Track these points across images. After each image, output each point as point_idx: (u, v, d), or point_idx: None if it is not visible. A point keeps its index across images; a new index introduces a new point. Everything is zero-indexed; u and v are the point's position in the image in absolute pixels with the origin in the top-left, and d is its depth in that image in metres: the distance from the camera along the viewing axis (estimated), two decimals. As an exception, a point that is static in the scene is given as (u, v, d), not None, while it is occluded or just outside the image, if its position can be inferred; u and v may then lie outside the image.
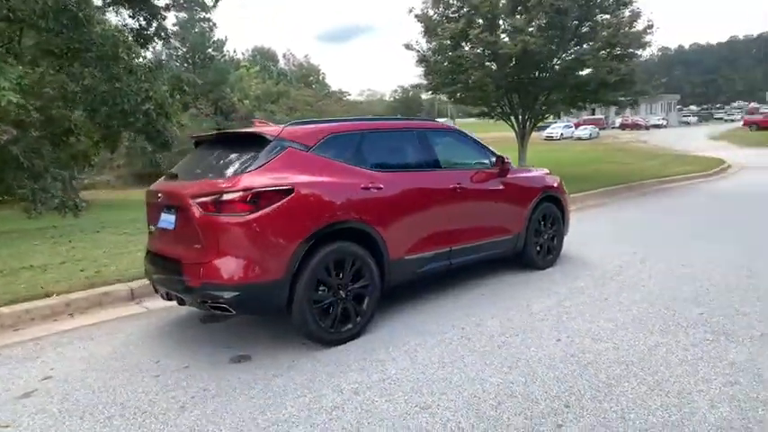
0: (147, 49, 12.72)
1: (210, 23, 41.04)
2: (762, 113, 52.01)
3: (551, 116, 20.68)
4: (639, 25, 13.65)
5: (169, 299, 3.98)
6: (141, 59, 10.35)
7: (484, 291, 4.97)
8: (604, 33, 13.29)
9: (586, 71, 13.23)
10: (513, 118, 15.70)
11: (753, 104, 75.14)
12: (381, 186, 4.08)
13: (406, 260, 4.25)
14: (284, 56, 78.70)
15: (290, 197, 3.51)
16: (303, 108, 34.90)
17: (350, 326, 3.83)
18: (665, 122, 62.17)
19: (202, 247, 3.49)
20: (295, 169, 3.67)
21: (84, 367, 3.65)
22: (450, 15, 14.87)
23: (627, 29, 13.55)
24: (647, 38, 13.66)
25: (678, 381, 3.04)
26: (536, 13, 12.70)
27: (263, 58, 65.39)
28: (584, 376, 3.14)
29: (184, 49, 37.21)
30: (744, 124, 48.15)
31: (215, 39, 40.49)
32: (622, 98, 14.46)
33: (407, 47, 15.30)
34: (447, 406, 2.86)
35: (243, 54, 60.80)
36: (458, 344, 3.72)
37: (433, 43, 15.37)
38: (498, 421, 2.69)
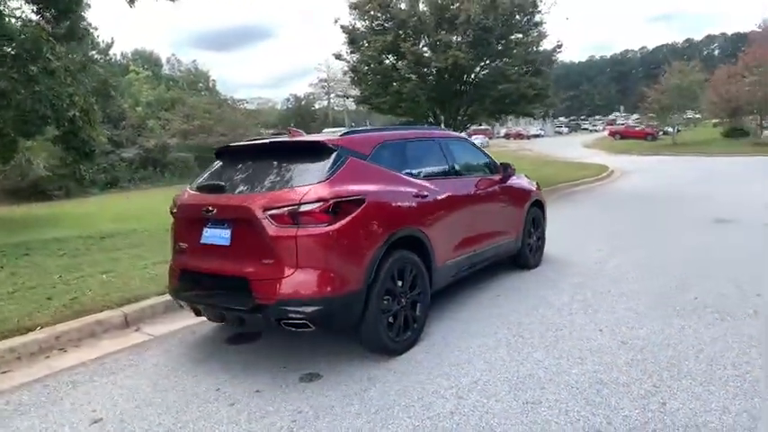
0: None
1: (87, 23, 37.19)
2: (622, 124, 59.66)
3: (472, 126, 21.76)
4: (549, 45, 15.09)
5: (219, 320, 3.71)
6: (60, 61, 9.20)
7: (498, 292, 5.23)
8: (521, 51, 14.49)
9: (507, 85, 14.27)
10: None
11: (611, 117, 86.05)
12: (427, 194, 4.17)
13: (446, 266, 4.38)
14: (168, 60, 73.85)
15: (363, 207, 3.47)
16: (202, 116, 33.02)
17: (409, 333, 3.86)
18: (543, 132, 68.47)
19: (276, 262, 3.31)
20: (359, 178, 3.63)
21: (134, 404, 3.27)
22: (376, 27, 15.22)
23: (534, 48, 14.92)
24: (556, 56, 15.13)
25: (724, 355, 3.52)
26: (463, 30, 13.49)
27: (145, 62, 60.85)
28: (649, 359, 3.51)
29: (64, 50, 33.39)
30: (609, 134, 54.76)
31: (99, 40, 36.93)
32: (536, 110, 15.84)
33: (337, 57, 15.38)
34: (555, 398, 3.04)
35: (122, 57, 56.07)
36: (517, 342, 3.92)
37: (357, 54, 15.63)
38: (609, 405, 2.93)
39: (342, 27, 15.71)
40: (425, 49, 14.40)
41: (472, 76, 14.42)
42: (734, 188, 14.45)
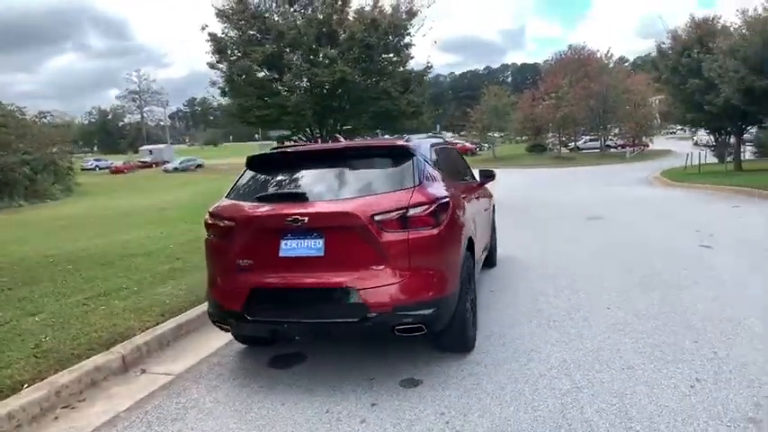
0: None
1: None
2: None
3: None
4: (418, 66, 16.43)
5: (305, 336, 3.47)
6: None
7: (492, 287, 5.71)
8: (395, 69, 15.52)
9: (387, 101, 15.13)
10: (320, 142, 16.56)
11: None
12: (465, 196, 4.45)
13: (477, 264, 4.70)
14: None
15: (451, 209, 3.60)
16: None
17: (473, 331, 4.08)
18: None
19: (389, 267, 3.25)
20: (436, 182, 3.75)
21: (248, 443, 2.90)
22: (250, 38, 14.83)
23: (402, 68, 16.15)
24: (427, 76, 16.52)
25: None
26: (348, 46, 13.96)
27: None
28: (698, 329, 4.30)
29: None
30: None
31: None
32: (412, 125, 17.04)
33: (211, 66, 14.53)
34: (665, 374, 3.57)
35: None
36: (555, 330, 4.41)
37: (224, 64, 15.06)
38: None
39: (210, 35, 14.97)
40: (306, 64, 14.49)
41: (357, 92, 14.91)
42: (567, 192, 17.47)
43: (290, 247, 3.39)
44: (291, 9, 15.24)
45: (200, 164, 56.03)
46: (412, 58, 16.46)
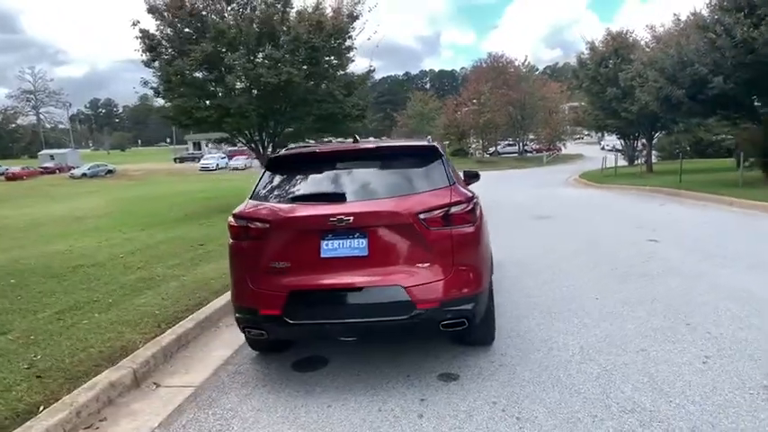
0: None
1: None
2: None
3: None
4: (361, 69, 16.58)
5: (349, 337, 3.46)
6: None
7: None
8: (337, 72, 15.57)
9: (332, 104, 15.11)
10: (259, 145, 16.17)
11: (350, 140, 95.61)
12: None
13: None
14: None
15: (480, 207, 3.76)
16: None
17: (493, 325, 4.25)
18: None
19: (435, 265, 3.33)
20: (460, 181, 3.90)
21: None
22: (187, 36, 14.24)
23: (343, 71, 16.26)
24: (370, 79, 16.70)
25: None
26: (293, 47, 13.79)
27: None
28: (684, 312, 4.75)
29: None
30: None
31: None
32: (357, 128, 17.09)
33: (146, 64, 13.74)
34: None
35: None
36: (559, 321, 4.71)
37: (158, 62, 14.37)
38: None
39: (141, 32, 14.20)
40: (250, 64, 14.14)
41: (301, 94, 14.75)
42: (507, 194, 18.38)
43: (332, 248, 3.38)
44: (229, 7, 14.82)
45: (111, 169, 52.56)
46: (352, 61, 16.61)
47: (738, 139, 17.71)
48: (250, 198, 3.79)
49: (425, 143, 4.01)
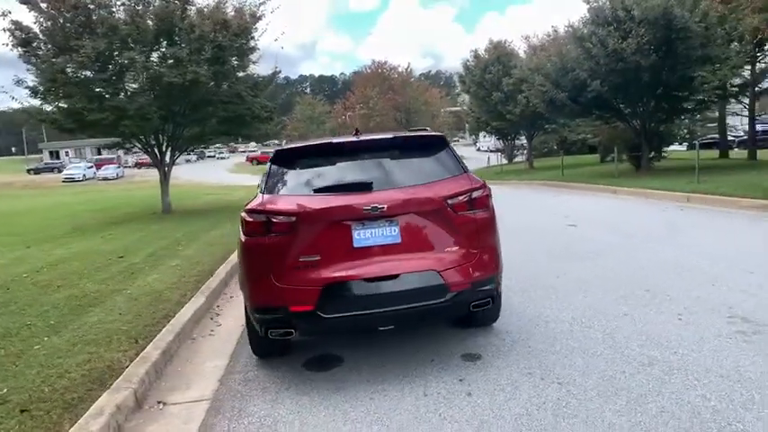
0: None
1: None
2: (254, 150, 65.01)
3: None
4: (266, 71, 16.09)
5: (385, 326, 3.42)
6: None
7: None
8: (239, 72, 14.97)
9: (240, 105, 14.45)
10: (156, 150, 14.95)
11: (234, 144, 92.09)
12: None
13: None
14: None
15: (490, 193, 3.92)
16: None
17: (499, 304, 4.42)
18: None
19: (463, 248, 3.43)
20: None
21: (383, 437, 2.82)
22: (72, 31, 12.75)
23: (244, 72, 15.72)
24: (276, 80, 16.27)
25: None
26: (197, 46, 12.97)
27: None
28: (647, 279, 5.31)
29: None
30: (247, 160, 59.15)
31: None
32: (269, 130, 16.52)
33: (26, 61, 12.03)
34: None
35: None
36: (545, 298, 5.07)
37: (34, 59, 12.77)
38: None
39: (13, 23, 12.48)
40: (150, 62, 13.05)
41: (205, 95, 13.90)
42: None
43: (365, 237, 3.33)
44: (119, 2, 13.53)
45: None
46: (254, 63, 16.08)
47: (606, 137, 20.17)
48: (262, 192, 3.58)
49: (434, 133, 4.10)
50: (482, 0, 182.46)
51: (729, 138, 24.11)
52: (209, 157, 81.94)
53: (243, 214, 3.51)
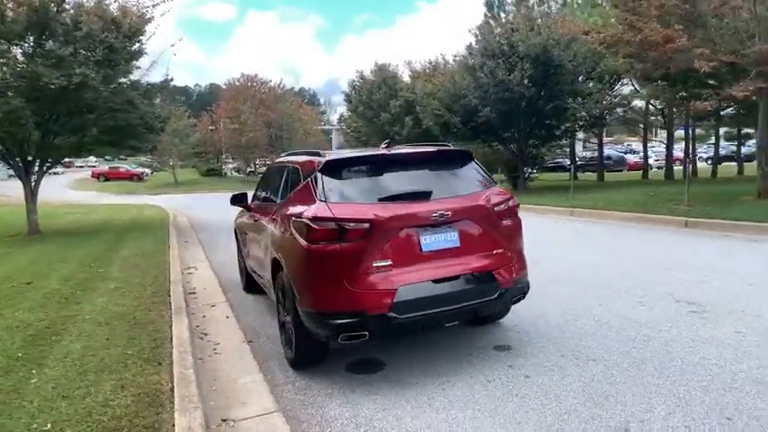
0: None
1: None
2: (94, 166, 58.81)
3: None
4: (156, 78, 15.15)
5: (447, 323, 3.80)
6: None
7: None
8: (132, 79, 13.98)
9: (131, 114, 13.40)
10: (19, 161, 13.15)
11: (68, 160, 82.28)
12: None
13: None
14: None
15: None
16: None
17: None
18: None
19: (506, 250, 3.94)
20: None
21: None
22: None
23: (125, 79, 14.74)
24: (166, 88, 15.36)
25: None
26: (84, 45, 11.85)
27: None
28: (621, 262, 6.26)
29: None
30: (92, 176, 53.47)
31: None
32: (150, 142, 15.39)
33: None
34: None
35: None
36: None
37: None
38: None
39: None
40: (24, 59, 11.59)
41: (91, 100, 12.66)
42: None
43: (431, 242, 3.69)
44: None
45: None
46: (138, 68, 15.07)
47: (485, 159, 22.41)
48: (320, 200, 3.73)
49: (460, 148, 4.59)
50: (341, 22, 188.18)
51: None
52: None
53: (307, 222, 3.62)
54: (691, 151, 24.42)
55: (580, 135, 23.51)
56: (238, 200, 6.07)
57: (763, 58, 9.56)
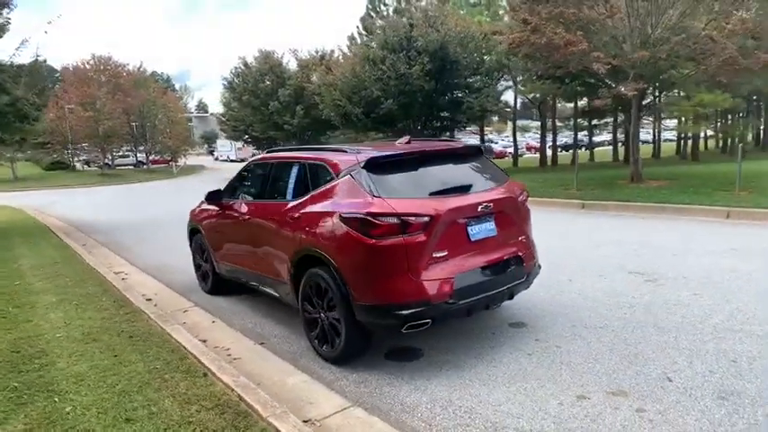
0: None
1: None
2: None
3: None
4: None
5: (493, 305, 4.16)
6: None
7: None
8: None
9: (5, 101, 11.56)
10: None
11: None
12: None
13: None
14: None
15: None
16: None
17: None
18: None
19: (526, 237, 4.42)
20: None
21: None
22: None
23: None
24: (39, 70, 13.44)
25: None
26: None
27: None
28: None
29: None
30: None
31: None
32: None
33: None
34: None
35: None
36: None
37: None
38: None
39: None
40: None
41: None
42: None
43: (477, 232, 4.01)
44: None
45: None
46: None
47: None
48: (374, 196, 3.82)
49: (476, 144, 4.91)
50: (192, 3, 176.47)
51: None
52: None
53: (367, 218, 3.71)
54: (552, 141, 27.62)
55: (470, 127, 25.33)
56: (215, 197, 5.81)
57: (638, 63, 11.34)
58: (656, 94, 11.97)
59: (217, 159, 64.07)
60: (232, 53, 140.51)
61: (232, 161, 60.22)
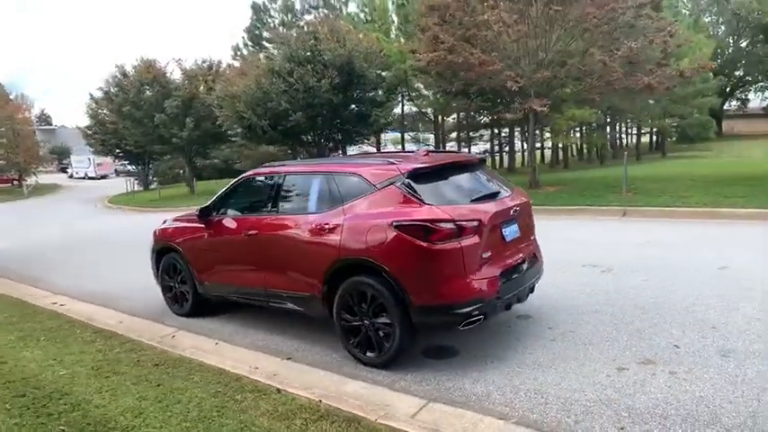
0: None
1: None
2: None
3: None
4: None
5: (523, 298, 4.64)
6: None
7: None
8: None
9: None
10: None
11: None
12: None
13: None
14: None
15: None
16: None
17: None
18: None
19: (534, 236, 5.01)
20: None
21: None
22: None
23: None
24: None
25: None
26: None
27: None
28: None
29: None
30: None
31: None
32: None
33: None
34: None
35: None
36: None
37: None
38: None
39: None
40: None
41: None
42: (91, 228, 16.47)
43: (509, 233, 4.49)
44: None
45: None
46: None
47: (253, 161, 22.92)
48: (427, 203, 4.10)
49: (480, 156, 5.38)
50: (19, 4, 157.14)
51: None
52: None
53: (427, 224, 3.98)
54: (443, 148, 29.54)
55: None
56: (207, 214, 5.65)
57: (538, 82, 12.85)
58: (548, 110, 13.69)
59: (72, 177, 57.53)
60: (80, 60, 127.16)
61: (91, 179, 54.57)
